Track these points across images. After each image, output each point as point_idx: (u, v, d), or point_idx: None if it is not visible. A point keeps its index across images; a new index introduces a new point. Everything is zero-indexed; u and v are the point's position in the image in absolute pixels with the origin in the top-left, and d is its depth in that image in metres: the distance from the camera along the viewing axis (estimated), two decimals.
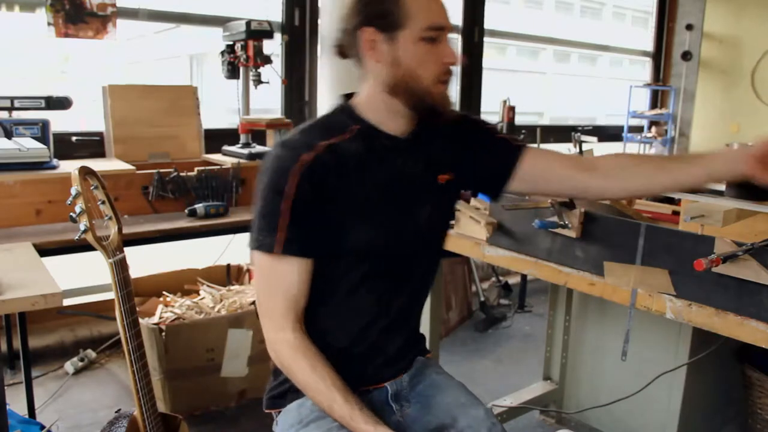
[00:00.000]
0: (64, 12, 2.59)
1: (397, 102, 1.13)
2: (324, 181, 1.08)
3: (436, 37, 1.09)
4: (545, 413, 2.39)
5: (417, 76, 1.09)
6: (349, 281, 1.15)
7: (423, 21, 1.07)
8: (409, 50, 1.08)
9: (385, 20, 1.07)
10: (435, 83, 1.10)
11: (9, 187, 2.19)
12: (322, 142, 1.10)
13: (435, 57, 1.09)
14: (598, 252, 1.53)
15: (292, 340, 1.09)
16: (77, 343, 2.77)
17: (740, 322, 1.27)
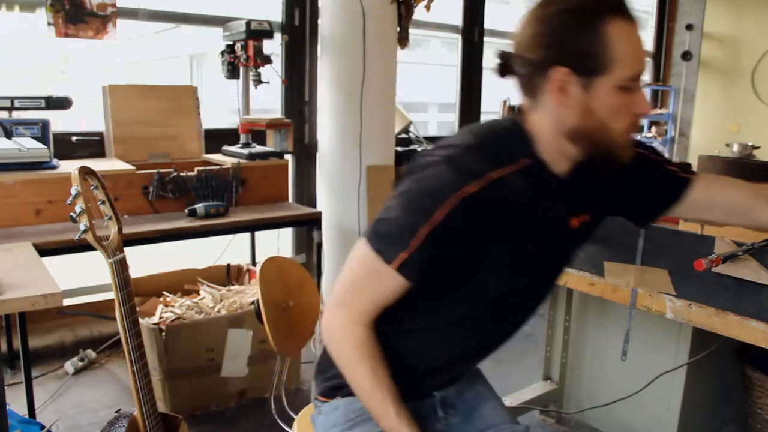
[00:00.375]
0: (64, 12, 2.59)
1: (574, 147, 1.01)
2: (476, 220, 0.98)
3: (634, 86, 0.97)
4: (545, 413, 2.39)
5: (607, 128, 0.97)
6: (447, 313, 1.10)
7: (629, 69, 0.95)
8: (605, 100, 0.95)
9: (584, 63, 0.94)
10: (623, 135, 0.99)
11: (9, 187, 2.19)
12: (490, 173, 0.98)
13: (629, 107, 0.97)
14: (598, 252, 1.53)
15: (362, 335, 1.04)
16: (77, 343, 2.77)
17: (740, 322, 1.27)
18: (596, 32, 0.93)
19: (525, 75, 1.00)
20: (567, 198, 1.08)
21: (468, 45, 4.15)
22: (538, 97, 1.00)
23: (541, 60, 0.96)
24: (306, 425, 1.39)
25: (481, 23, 4.16)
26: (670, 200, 1.17)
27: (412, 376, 1.10)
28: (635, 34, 0.97)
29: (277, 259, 1.60)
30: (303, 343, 1.64)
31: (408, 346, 1.11)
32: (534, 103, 1.01)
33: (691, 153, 5.38)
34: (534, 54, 0.97)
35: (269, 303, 1.46)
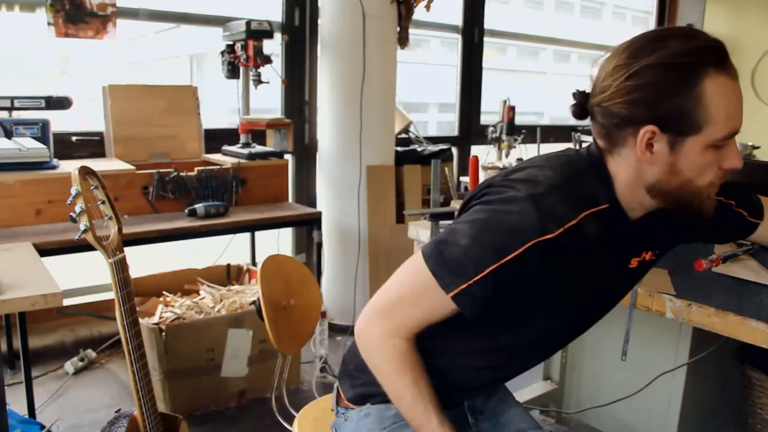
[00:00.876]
0: (64, 12, 2.59)
1: (652, 200, 0.97)
2: (549, 265, 0.93)
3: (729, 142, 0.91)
4: (545, 413, 2.39)
5: (695, 185, 0.92)
6: (498, 341, 1.09)
7: (724, 128, 0.88)
8: (694, 159, 0.90)
9: (677, 123, 0.88)
10: (709, 189, 0.94)
11: (9, 187, 2.19)
12: (572, 220, 0.92)
13: (717, 163, 0.92)
14: None
15: (404, 348, 1.00)
16: (77, 343, 2.77)
17: (740, 322, 1.26)
18: (692, 91, 0.87)
19: (606, 125, 0.95)
20: (634, 241, 1.05)
21: (468, 45, 4.15)
22: (620, 148, 0.95)
23: (630, 116, 0.90)
24: (306, 424, 1.39)
25: (481, 23, 4.16)
26: (735, 238, 1.22)
27: (448, 391, 1.08)
28: (735, 90, 0.89)
29: (278, 257, 1.61)
30: (303, 342, 1.64)
31: (448, 364, 1.10)
32: (613, 150, 0.96)
33: None
34: (621, 108, 0.91)
35: (270, 301, 1.46)
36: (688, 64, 0.87)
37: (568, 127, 4.12)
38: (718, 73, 0.87)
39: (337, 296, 3.17)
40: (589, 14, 7.33)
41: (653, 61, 0.88)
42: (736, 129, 0.90)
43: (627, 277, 1.11)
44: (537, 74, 6.77)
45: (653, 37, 0.91)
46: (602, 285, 1.07)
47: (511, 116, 3.60)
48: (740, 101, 0.90)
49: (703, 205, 0.96)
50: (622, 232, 1.00)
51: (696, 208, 0.96)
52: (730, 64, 0.89)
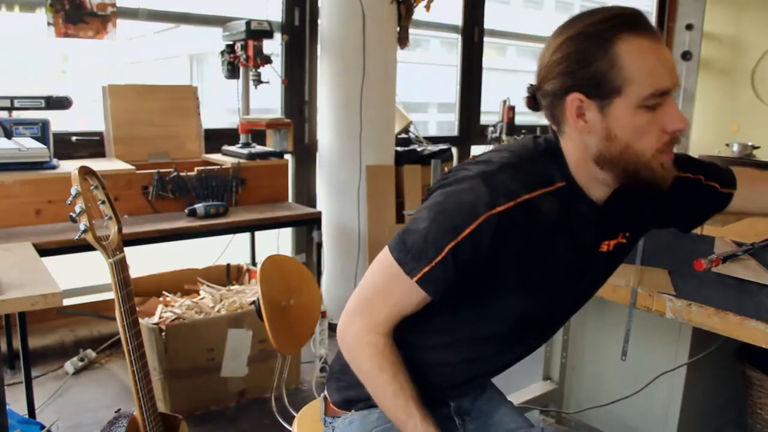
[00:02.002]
0: (64, 12, 2.59)
1: (605, 173, 0.98)
2: (505, 238, 0.95)
3: (661, 102, 0.91)
4: (545, 413, 2.39)
5: (635, 150, 0.93)
6: (473, 330, 1.09)
7: (646, 86, 0.90)
8: (626, 122, 0.91)
9: (597, 87, 0.91)
10: (655, 155, 0.93)
11: (9, 187, 2.19)
12: (524, 195, 0.95)
13: (657, 125, 0.92)
14: None
15: (381, 344, 1.01)
16: (77, 343, 2.77)
17: (740, 322, 1.27)
18: (606, 54, 0.90)
19: (547, 106, 0.98)
20: (601, 224, 1.05)
21: (468, 45, 4.15)
22: (563, 125, 0.98)
23: (558, 89, 0.94)
24: (306, 424, 1.39)
25: (481, 23, 4.16)
26: (710, 214, 1.18)
27: (430, 389, 1.08)
28: (654, 49, 0.91)
29: (278, 257, 1.61)
30: (303, 342, 1.64)
31: (426, 360, 1.10)
32: (561, 130, 0.99)
33: (691, 153, 5.35)
34: (551, 84, 0.95)
35: (269, 301, 1.46)
36: (602, 30, 0.91)
37: None
38: (631, 35, 0.90)
39: (337, 296, 3.17)
40: None
41: (572, 33, 0.94)
42: (660, 87, 0.90)
43: (600, 261, 1.09)
44: None
45: (576, 16, 0.97)
46: (571, 268, 1.06)
47: (511, 116, 3.60)
48: (662, 60, 0.91)
49: (655, 173, 0.95)
50: (583, 213, 1.01)
51: (647, 176, 0.95)
52: (647, 27, 0.91)
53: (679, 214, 1.17)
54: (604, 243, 1.07)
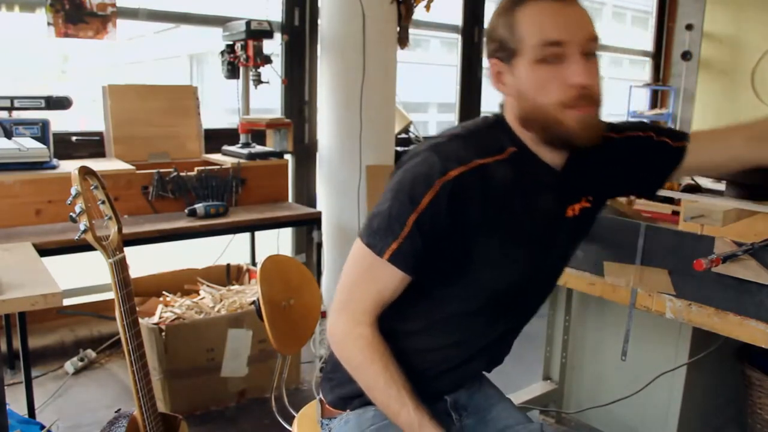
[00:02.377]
0: (64, 12, 2.59)
1: (534, 134, 1.02)
2: (463, 204, 0.97)
3: (557, 55, 0.94)
4: (545, 413, 2.39)
5: (540, 105, 0.96)
6: (450, 308, 1.09)
7: (534, 39, 0.94)
8: (526, 78, 0.96)
9: (503, 51, 0.98)
10: (562, 110, 0.95)
11: (9, 187, 2.19)
12: (476, 160, 0.99)
13: (559, 79, 0.94)
14: (598, 252, 1.53)
15: (369, 335, 1.03)
16: (77, 343, 2.77)
17: (740, 322, 1.27)
18: (510, 19, 0.97)
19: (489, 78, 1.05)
20: (562, 189, 1.07)
21: (468, 45, 4.15)
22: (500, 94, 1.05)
23: (487, 57, 1.03)
24: (306, 424, 1.39)
25: (481, 23, 4.16)
26: (667, 171, 1.17)
27: (421, 379, 1.08)
28: (552, 8, 0.95)
29: (278, 257, 1.61)
30: (303, 342, 1.64)
31: (412, 347, 1.10)
32: (502, 102, 1.07)
33: None
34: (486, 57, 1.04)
35: (269, 301, 1.46)
36: (510, 2, 0.99)
37: None
38: (533, 3, 0.96)
39: None
40: None
41: (496, 11, 1.02)
42: (546, 38, 0.94)
43: (567, 227, 1.10)
44: None
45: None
46: (536, 235, 1.06)
47: None
48: (555, 14, 0.94)
49: (567, 128, 0.97)
50: (540, 178, 1.04)
51: (560, 132, 0.97)
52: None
53: (637, 174, 1.18)
54: (569, 208, 1.09)
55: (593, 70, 0.96)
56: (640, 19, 6.16)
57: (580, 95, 0.95)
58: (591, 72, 0.95)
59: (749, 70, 5.08)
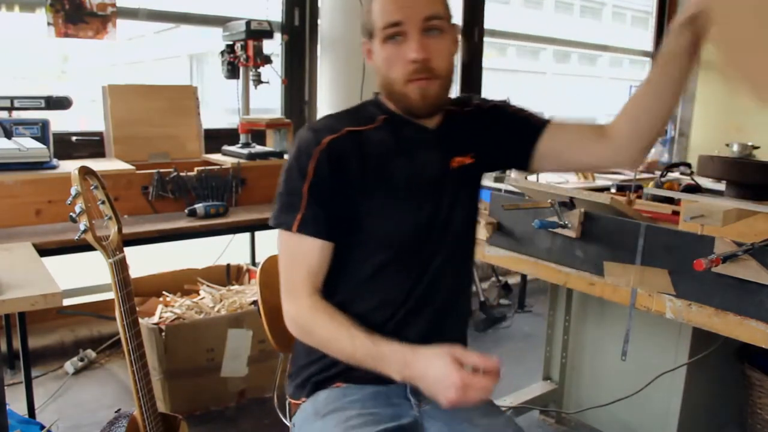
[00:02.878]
0: (63, 12, 2.59)
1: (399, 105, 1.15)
2: (343, 164, 1.09)
3: (397, 34, 1.08)
4: (545, 413, 2.39)
5: (390, 79, 1.10)
6: (366, 268, 1.15)
7: (380, 22, 1.08)
8: (378, 56, 1.10)
9: (367, 32, 1.12)
10: (405, 83, 1.09)
11: (9, 187, 2.19)
12: (348, 128, 1.12)
13: (401, 56, 1.08)
14: (597, 252, 1.53)
15: (309, 302, 1.11)
16: (77, 343, 2.77)
17: (740, 322, 1.27)
18: (368, 4, 1.11)
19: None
20: (443, 144, 1.19)
21: (468, 45, 4.15)
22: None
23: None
24: None
25: (481, 23, 4.16)
26: (529, 146, 1.25)
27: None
28: None
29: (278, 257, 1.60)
30: None
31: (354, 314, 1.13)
32: None
33: (691, 153, 5.38)
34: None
35: (269, 301, 1.46)
36: None
37: None
38: None
39: None
40: (588, 14, 7.32)
41: None
42: (388, 20, 1.07)
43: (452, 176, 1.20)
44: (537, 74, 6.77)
45: None
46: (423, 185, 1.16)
47: None
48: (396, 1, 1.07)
49: (410, 99, 1.10)
50: (417, 137, 1.17)
51: (405, 103, 1.12)
52: None
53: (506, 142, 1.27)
54: (452, 160, 1.20)
55: (431, 46, 1.08)
56: (640, 19, 6.15)
57: (415, 69, 1.07)
58: (427, 47, 1.07)
59: None
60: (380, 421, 1.09)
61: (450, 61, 1.14)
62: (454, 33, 1.17)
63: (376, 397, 1.15)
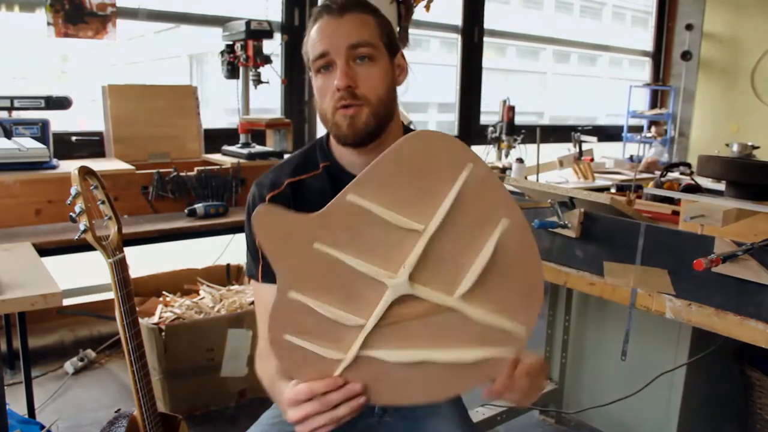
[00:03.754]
0: (63, 12, 2.59)
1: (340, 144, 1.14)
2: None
3: (327, 64, 1.06)
4: (545, 413, 2.39)
5: (323, 109, 1.09)
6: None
7: (311, 54, 1.08)
8: (314, 87, 1.10)
9: (306, 62, 1.12)
10: (334, 112, 1.07)
11: (9, 187, 2.19)
12: (288, 180, 1.15)
13: (329, 85, 1.06)
14: (598, 252, 1.53)
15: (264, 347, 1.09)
16: (77, 343, 2.77)
17: (740, 322, 1.27)
18: (306, 38, 1.10)
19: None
20: None
21: (468, 45, 4.15)
22: None
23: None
24: None
25: (480, 23, 4.17)
26: None
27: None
28: (323, 24, 1.07)
29: None
30: None
31: None
32: None
33: (691, 153, 5.38)
34: None
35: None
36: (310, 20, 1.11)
37: (567, 127, 4.13)
38: (319, 20, 1.08)
39: None
40: (588, 14, 7.32)
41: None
42: (317, 52, 1.06)
43: None
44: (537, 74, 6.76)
45: None
46: None
47: (511, 116, 3.60)
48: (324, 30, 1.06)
49: (340, 128, 1.08)
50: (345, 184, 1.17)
51: (336, 132, 1.09)
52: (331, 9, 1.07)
53: None
54: None
55: (359, 74, 1.05)
56: (640, 19, 6.15)
57: (341, 96, 1.05)
58: (352, 75, 1.04)
59: (749, 70, 5.09)
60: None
61: (382, 88, 1.07)
62: (389, 59, 1.10)
63: None
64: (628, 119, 5.21)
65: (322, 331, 0.87)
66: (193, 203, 2.47)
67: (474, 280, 0.83)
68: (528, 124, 4.04)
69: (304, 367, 0.88)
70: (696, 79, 5.42)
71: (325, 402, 0.87)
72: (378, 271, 0.84)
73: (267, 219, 0.87)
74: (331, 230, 0.85)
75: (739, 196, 1.73)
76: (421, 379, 0.87)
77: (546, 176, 3.13)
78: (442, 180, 0.82)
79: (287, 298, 0.87)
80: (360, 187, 0.84)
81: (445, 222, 0.82)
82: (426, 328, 0.86)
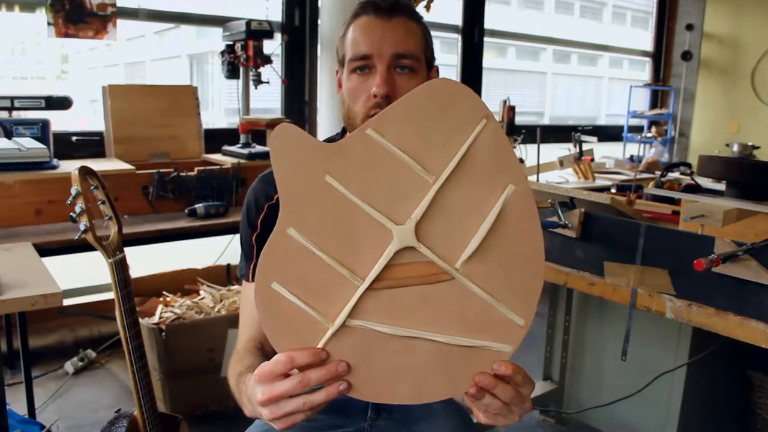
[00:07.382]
0: (64, 12, 2.59)
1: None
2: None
3: (365, 66, 1.02)
4: (545, 413, 2.39)
5: (352, 112, 1.04)
6: None
7: (350, 53, 1.04)
8: (345, 86, 1.05)
9: (339, 60, 1.09)
10: (365, 118, 1.01)
11: (9, 187, 2.19)
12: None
13: (365, 89, 1.02)
14: (598, 252, 1.53)
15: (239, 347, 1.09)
16: (77, 343, 2.77)
17: (740, 322, 1.27)
18: (344, 31, 1.07)
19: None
20: None
21: (468, 45, 4.15)
22: None
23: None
24: None
25: (481, 23, 4.17)
26: None
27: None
28: (370, 23, 1.04)
29: None
30: None
31: None
32: None
33: (691, 153, 5.39)
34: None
35: None
36: (349, 16, 1.09)
37: (568, 127, 4.13)
38: (360, 17, 1.05)
39: None
40: (588, 14, 7.33)
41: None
42: (357, 52, 1.02)
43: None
44: (537, 74, 6.77)
45: None
46: None
47: (511, 116, 3.60)
48: (368, 31, 1.03)
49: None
50: None
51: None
52: (377, 9, 1.04)
53: None
54: None
55: (398, 83, 1.01)
56: (640, 19, 6.15)
57: (376, 104, 1.00)
58: (392, 83, 1.01)
59: (749, 70, 5.09)
60: (319, 428, 1.11)
61: None
62: (427, 73, 1.07)
63: (334, 404, 1.10)
64: (629, 119, 5.21)
65: (313, 285, 0.79)
66: (193, 203, 2.47)
67: (476, 246, 0.80)
68: (528, 124, 4.04)
69: (285, 325, 0.80)
70: (696, 80, 5.42)
71: (303, 381, 0.76)
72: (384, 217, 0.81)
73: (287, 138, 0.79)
74: (346, 166, 0.79)
75: (740, 196, 1.73)
76: (408, 368, 0.82)
77: (546, 176, 3.13)
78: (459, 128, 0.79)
79: (285, 235, 0.78)
80: (381, 122, 0.81)
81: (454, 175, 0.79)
82: (422, 299, 0.81)
